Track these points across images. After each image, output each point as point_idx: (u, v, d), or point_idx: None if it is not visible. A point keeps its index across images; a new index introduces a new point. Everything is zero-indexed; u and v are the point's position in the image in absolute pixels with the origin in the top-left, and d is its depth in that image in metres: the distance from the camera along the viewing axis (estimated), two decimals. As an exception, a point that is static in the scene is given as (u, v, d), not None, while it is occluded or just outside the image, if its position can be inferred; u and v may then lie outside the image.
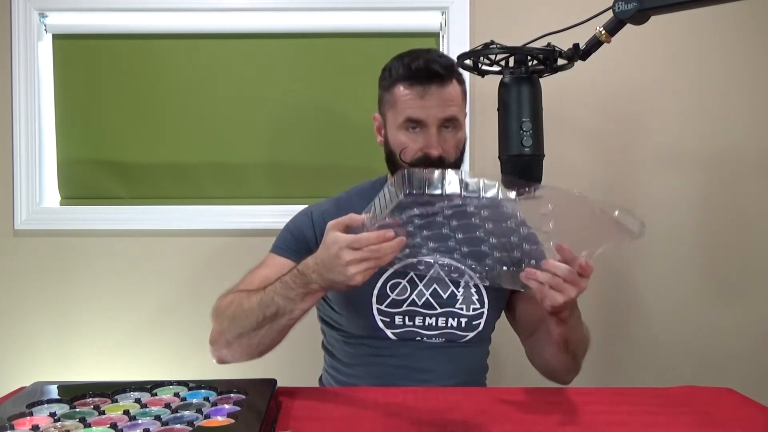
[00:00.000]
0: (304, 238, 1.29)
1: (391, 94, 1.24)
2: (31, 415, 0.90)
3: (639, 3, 0.94)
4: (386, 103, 1.27)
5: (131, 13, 1.76)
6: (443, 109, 1.20)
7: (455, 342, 1.26)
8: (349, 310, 1.27)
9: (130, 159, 1.80)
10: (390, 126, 1.26)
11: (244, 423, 0.86)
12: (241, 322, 1.13)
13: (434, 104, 1.20)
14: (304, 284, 1.05)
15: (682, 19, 1.33)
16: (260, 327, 1.11)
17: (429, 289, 1.25)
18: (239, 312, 1.14)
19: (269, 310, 1.09)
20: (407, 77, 1.21)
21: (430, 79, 1.19)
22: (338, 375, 1.32)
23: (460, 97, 1.24)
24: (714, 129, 1.77)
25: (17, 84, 1.75)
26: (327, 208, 1.32)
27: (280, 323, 1.10)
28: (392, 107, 1.24)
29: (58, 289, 1.79)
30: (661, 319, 1.79)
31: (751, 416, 1.02)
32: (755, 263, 1.79)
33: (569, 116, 1.75)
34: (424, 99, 1.20)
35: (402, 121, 1.22)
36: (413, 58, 1.22)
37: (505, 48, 1.00)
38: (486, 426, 0.95)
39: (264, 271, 1.25)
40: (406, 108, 1.21)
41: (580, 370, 1.24)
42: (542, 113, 1.00)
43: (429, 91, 1.19)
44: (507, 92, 0.99)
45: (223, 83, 1.79)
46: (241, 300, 1.15)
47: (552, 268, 0.99)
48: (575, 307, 1.11)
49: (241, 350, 1.15)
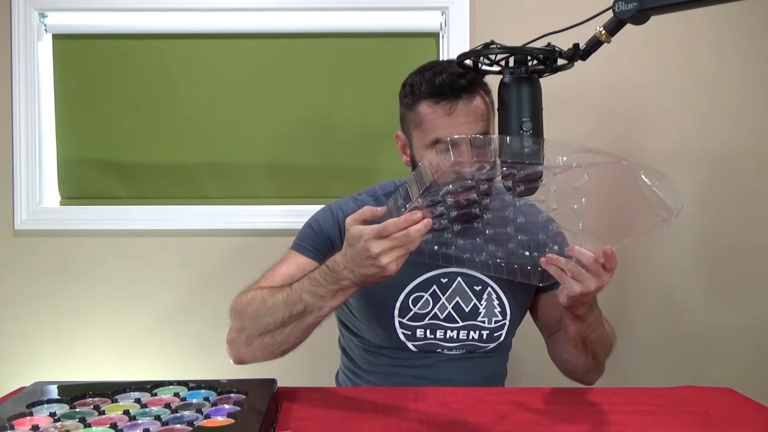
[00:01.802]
0: (329, 238, 1.24)
1: (416, 113, 1.16)
2: (31, 415, 0.90)
3: (639, 3, 0.94)
4: (410, 122, 1.19)
5: (131, 13, 1.76)
6: (472, 126, 1.12)
7: (475, 352, 1.26)
8: (370, 320, 1.25)
9: (130, 159, 1.80)
10: (416, 146, 1.18)
11: (244, 423, 0.86)
12: (264, 319, 1.08)
13: (463, 121, 1.12)
14: (335, 281, 1.01)
15: (682, 19, 1.33)
16: (285, 325, 1.06)
17: (451, 303, 1.23)
18: (262, 309, 1.08)
19: (296, 308, 1.05)
20: (431, 94, 1.14)
21: (456, 94, 1.12)
22: (356, 379, 1.32)
23: (486, 110, 1.16)
24: (714, 129, 1.77)
25: (17, 84, 1.75)
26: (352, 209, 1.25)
27: (307, 321, 1.06)
28: (417, 126, 1.17)
29: (58, 289, 1.79)
30: (661, 319, 1.79)
31: (751, 416, 1.02)
32: (755, 263, 1.79)
33: (569, 116, 1.75)
34: (451, 117, 1.12)
35: (430, 142, 1.14)
36: (435, 73, 1.15)
37: (505, 48, 1.00)
38: (486, 426, 0.95)
39: (286, 270, 1.21)
40: (434, 128, 1.14)
41: (603, 371, 1.23)
42: (542, 113, 1.00)
43: (456, 107, 1.12)
44: (507, 92, 0.99)
45: (223, 83, 1.79)
46: (264, 297, 1.10)
47: (576, 254, 0.98)
48: (595, 305, 1.10)
49: (263, 349, 1.10)
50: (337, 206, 1.29)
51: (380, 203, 1.28)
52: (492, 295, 1.25)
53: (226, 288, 1.80)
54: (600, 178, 0.96)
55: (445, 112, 1.13)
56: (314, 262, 1.20)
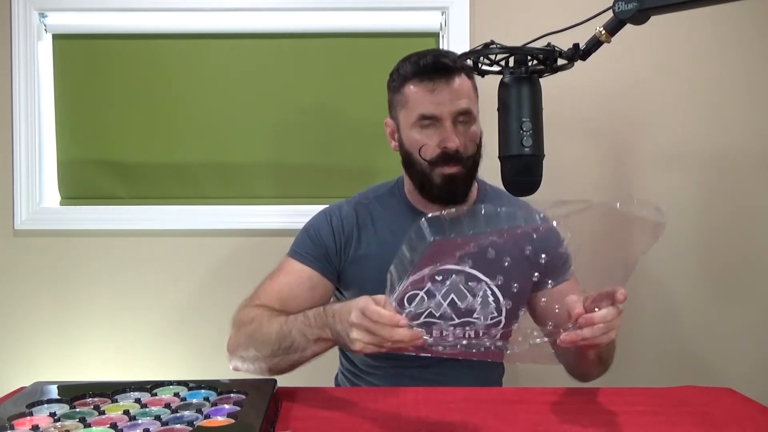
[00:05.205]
0: (324, 245, 1.27)
1: (402, 94, 1.22)
2: (31, 415, 0.90)
3: (639, 3, 0.94)
4: (397, 104, 1.25)
5: (131, 13, 1.76)
6: (455, 103, 1.18)
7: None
8: None
9: (130, 159, 1.80)
10: (403, 127, 1.23)
11: (244, 423, 0.86)
12: (257, 345, 1.12)
13: (446, 98, 1.18)
14: (321, 326, 1.03)
15: (682, 19, 1.33)
16: (275, 356, 1.10)
17: (446, 300, 1.24)
18: (258, 334, 1.13)
19: (285, 342, 1.08)
20: (416, 74, 1.20)
21: (438, 73, 1.17)
22: (355, 380, 1.32)
23: (471, 90, 1.21)
24: (714, 129, 1.77)
25: (17, 84, 1.75)
26: (348, 214, 1.30)
27: (292, 358, 1.09)
28: (404, 107, 1.22)
29: (58, 289, 1.79)
30: (661, 319, 1.79)
31: (751, 416, 1.02)
32: (755, 263, 1.79)
33: (569, 116, 1.75)
34: (434, 94, 1.18)
35: (415, 119, 1.20)
36: (420, 56, 1.21)
37: (505, 48, 1.00)
38: (485, 426, 0.95)
39: (284, 278, 1.24)
40: (418, 105, 1.19)
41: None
42: (542, 113, 1.00)
43: (439, 85, 1.17)
44: (507, 92, 0.99)
45: (223, 83, 1.79)
46: (261, 321, 1.14)
47: (588, 321, 0.93)
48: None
49: (254, 369, 1.15)
50: (332, 211, 1.31)
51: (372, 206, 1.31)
52: (487, 292, 1.25)
53: (226, 288, 1.81)
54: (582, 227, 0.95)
55: (428, 90, 1.18)
56: (310, 269, 1.24)
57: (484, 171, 1.50)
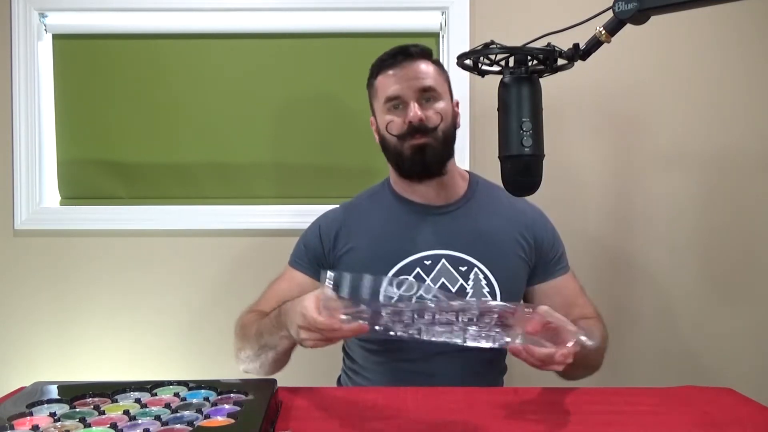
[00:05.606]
0: (314, 252, 1.33)
1: (373, 87, 1.31)
2: (31, 415, 0.90)
3: (639, 3, 0.94)
4: (372, 99, 1.33)
5: (131, 13, 1.76)
6: (418, 81, 1.24)
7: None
8: None
9: (130, 159, 1.80)
10: (379, 117, 1.31)
11: (244, 423, 0.86)
12: (246, 347, 1.21)
13: (408, 78, 1.25)
14: (280, 326, 1.08)
15: (682, 19, 1.33)
16: (257, 356, 1.18)
17: (437, 284, 1.25)
18: (246, 337, 1.21)
19: (261, 341, 1.15)
20: (382, 64, 1.29)
21: (399, 57, 1.26)
22: (356, 378, 1.33)
23: (435, 73, 1.27)
24: (714, 129, 1.77)
25: (17, 84, 1.75)
26: (335, 216, 1.36)
27: (269, 356, 1.16)
28: (375, 98, 1.31)
29: (57, 289, 1.79)
30: (661, 319, 1.79)
31: (751, 416, 1.02)
32: (755, 263, 1.79)
33: (569, 116, 1.75)
34: (397, 77, 1.26)
35: (383, 103, 1.27)
36: (390, 50, 1.30)
37: (505, 48, 1.00)
38: (485, 426, 0.95)
39: (281, 285, 1.31)
40: (384, 90, 1.27)
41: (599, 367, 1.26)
42: (542, 113, 1.00)
43: (402, 68, 1.25)
44: (507, 92, 0.99)
45: (223, 83, 1.79)
46: (250, 325, 1.21)
47: (529, 352, 0.94)
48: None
49: (253, 368, 1.23)
50: (322, 216, 1.38)
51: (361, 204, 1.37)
52: (479, 275, 1.26)
53: (226, 287, 1.81)
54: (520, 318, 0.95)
55: (391, 75, 1.27)
56: (303, 275, 1.31)
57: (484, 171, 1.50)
